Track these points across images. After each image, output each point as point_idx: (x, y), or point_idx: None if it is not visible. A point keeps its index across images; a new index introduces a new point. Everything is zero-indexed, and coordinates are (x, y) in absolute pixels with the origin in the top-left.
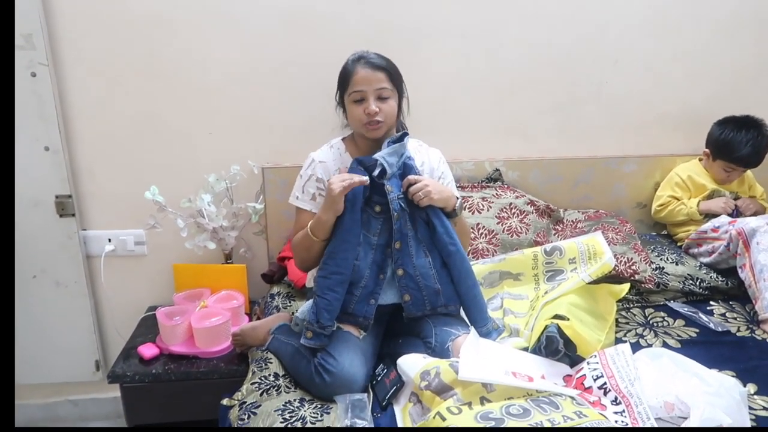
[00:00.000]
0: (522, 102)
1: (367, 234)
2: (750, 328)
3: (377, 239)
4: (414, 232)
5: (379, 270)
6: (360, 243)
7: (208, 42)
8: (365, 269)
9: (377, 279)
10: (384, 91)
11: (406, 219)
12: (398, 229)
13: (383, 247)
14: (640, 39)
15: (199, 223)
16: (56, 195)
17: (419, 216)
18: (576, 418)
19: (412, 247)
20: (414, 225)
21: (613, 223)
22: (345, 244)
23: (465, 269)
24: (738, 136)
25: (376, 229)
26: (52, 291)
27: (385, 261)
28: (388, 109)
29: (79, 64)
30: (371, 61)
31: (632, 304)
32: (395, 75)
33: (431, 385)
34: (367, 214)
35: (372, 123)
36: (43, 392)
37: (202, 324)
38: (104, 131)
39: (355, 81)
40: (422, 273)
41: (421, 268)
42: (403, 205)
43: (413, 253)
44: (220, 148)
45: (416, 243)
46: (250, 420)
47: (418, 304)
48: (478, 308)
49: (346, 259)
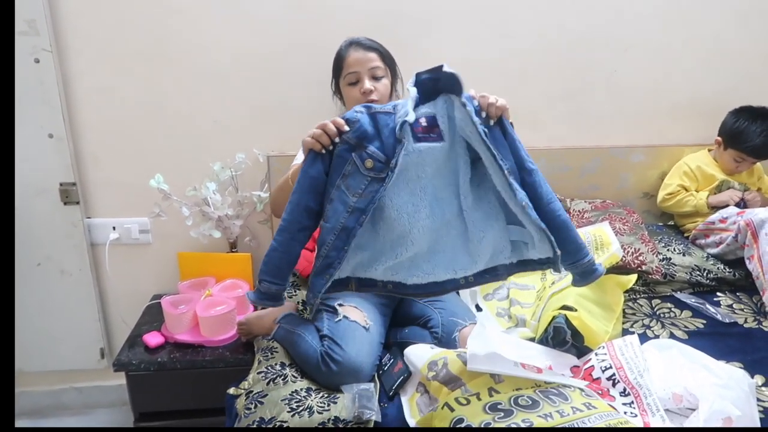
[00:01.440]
0: (531, 90)
1: (344, 191)
2: (757, 320)
3: (356, 201)
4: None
5: (346, 240)
6: (308, 189)
7: (214, 29)
8: (329, 234)
9: (341, 250)
10: (377, 70)
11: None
12: (495, 172)
13: (359, 213)
14: (651, 27)
15: (204, 211)
16: (60, 182)
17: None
18: (585, 410)
19: (516, 190)
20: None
21: (620, 214)
22: (297, 185)
23: (549, 190)
24: (752, 126)
25: (357, 187)
26: (57, 279)
27: (354, 231)
28: (383, 88)
29: (84, 50)
30: (363, 44)
31: (639, 294)
32: (387, 56)
33: (439, 376)
34: (352, 165)
35: (368, 102)
36: (48, 379)
37: (207, 313)
38: (109, 118)
39: (349, 63)
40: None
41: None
42: (489, 143)
43: (516, 186)
44: (225, 136)
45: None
46: (257, 409)
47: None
48: (575, 232)
49: (290, 203)
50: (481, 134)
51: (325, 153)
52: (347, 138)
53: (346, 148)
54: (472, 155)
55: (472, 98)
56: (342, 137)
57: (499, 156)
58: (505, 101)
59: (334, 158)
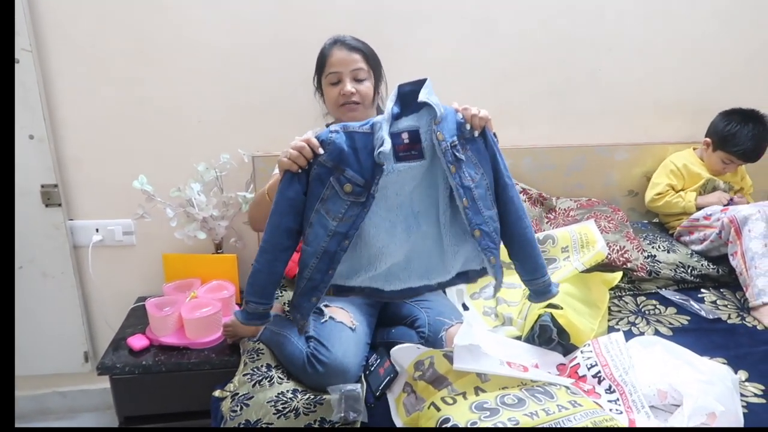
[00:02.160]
0: (516, 88)
1: (324, 215)
2: (741, 316)
3: (336, 225)
4: (474, 182)
5: (330, 263)
6: (287, 210)
7: (197, 26)
8: (311, 258)
9: (326, 273)
10: (360, 72)
11: (463, 170)
12: (460, 183)
13: (341, 237)
14: (635, 26)
15: (188, 212)
16: (42, 184)
17: (471, 167)
18: (570, 407)
19: (479, 201)
20: (470, 176)
21: (605, 212)
22: (273, 208)
23: (522, 207)
24: (743, 129)
25: (338, 212)
26: (39, 282)
27: (337, 255)
28: (365, 90)
29: (64, 49)
30: (347, 43)
31: (624, 292)
32: (372, 57)
33: (425, 375)
34: (331, 189)
35: (348, 104)
36: (31, 384)
37: (192, 315)
38: (91, 119)
39: (331, 63)
40: (494, 228)
41: (492, 222)
42: (458, 155)
43: (482, 207)
44: (209, 137)
45: (483, 191)
46: (242, 411)
47: (500, 266)
48: (538, 251)
49: (270, 224)
50: (444, 158)
51: (301, 173)
52: (323, 161)
53: (325, 171)
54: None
55: (456, 111)
56: (319, 160)
57: (457, 177)
58: (488, 112)
59: (311, 181)
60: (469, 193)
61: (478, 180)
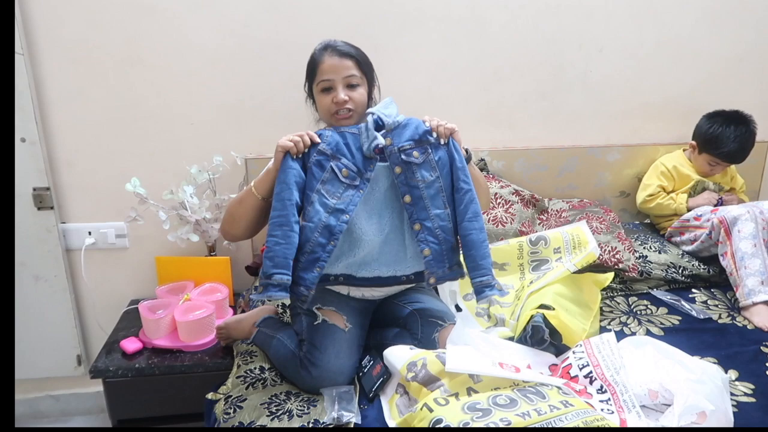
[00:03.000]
0: (507, 90)
1: (324, 194)
2: (731, 315)
3: (336, 203)
4: (425, 183)
5: (330, 236)
6: (294, 186)
7: (188, 28)
8: (313, 232)
9: (326, 246)
10: (353, 78)
11: (413, 171)
12: (404, 182)
13: (340, 213)
14: (625, 27)
15: (181, 215)
16: (34, 187)
17: (424, 169)
18: (562, 408)
19: (427, 199)
20: (422, 176)
21: (597, 213)
22: (280, 184)
23: (474, 210)
24: (726, 131)
25: (336, 192)
26: (32, 285)
27: (337, 227)
28: (358, 97)
29: (55, 52)
30: (339, 49)
31: (616, 292)
32: (364, 63)
33: (418, 377)
34: (331, 173)
35: (341, 112)
36: (23, 387)
37: (185, 317)
38: (82, 122)
39: (323, 70)
40: (441, 225)
41: (439, 220)
42: (404, 158)
43: (429, 205)
44: (202, 139)
45: (432, 192)
46: (235, 414)
47: (439, 259)
48: (481, 253)
49: (281, 199)
50: (390, 160)
51: (297, 159)
52: (323, 149)
53: (325, 158)
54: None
55: (423, 122)
56: (319, 148)
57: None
58: (455, 126)
59: (311, 166)
60: (416, 192)
61: (431, 181)
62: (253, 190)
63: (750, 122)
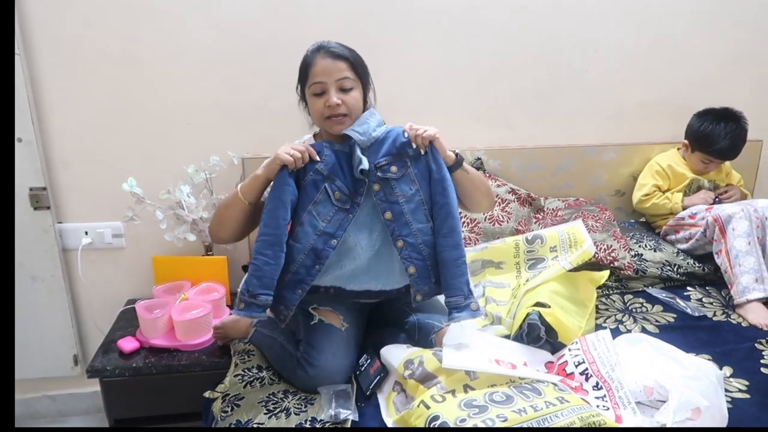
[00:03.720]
0: (503, 90)
1: (315, 216)
2: (726, 313)
3: (325, 226)
4: (404, 197)
5: (316, 259)
6: (289, 205)
7: (184, 28)
8: (300, 253)
9: (311, 268)
10: (346, 81)
11: (391, 187)
12: (383, 199)
13: (328, 237)
14: (620, 27)
15: (178, 214)
16: (30, 187)
17: (403, 183)
18: (558, 404)
19: (408, 214)
20: (401, 191)
21: (592, 211)
22: (275, 201)
23: (450, 226)
24: (717, 129)
25: (327, 214)
26: (28, 285)
27: (324, 252)
28: (352, 101)
29: (52, 52)
30: (332, 50)
31: (612, 290)
32: (358, 64)
33: (415, 374)
34: (324, 194)
35: (334, 116)
36: (21, 388)
37: (182, 317)
38: (79, 122)
39: (315, 72)
40: (424, 240)
41: (422, 235)
42: (381, 175)
43: (411, 220)
44: (198, 139)
45: (415, 206)
46: (233, 412)
47: (424, 277)
48: (453, 272)
49: (275, 217)
50: (368, 179)
51: (291, 173)
52: (320, 169)
53: (321, 178)
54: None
55: (403, 132)
56: (315, 167)
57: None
58: (435, 131)
59: (306, 185)
60: (396, 207)
61: (410, 195)
62: (240, 196)
63: (740, 118)
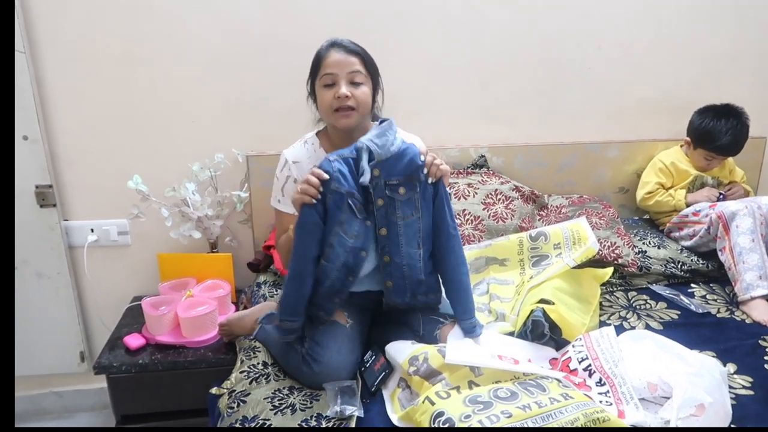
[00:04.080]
0: (506, 87)
1: (342, 235)
2: (730, 310)
3: (353, 242)
4: (404, 220)
5: (349, 273)
6: (314, 239)
7: (189, 27)
8: (333, 270)
9: (345, 281)
10: (357, 75)
11: (394, 207)
12: (383, 215)
13: (357, 251)
14: (623, 25)
15: (183, 212)
16: (36, 185)
17: (406, 206)
18: (562, 400)
19: (402, 236)
20: (403, 213)
21: (596, 208)
22: (301, 238)
23: (461, 256)
24: (718, 125)
25: (353, 230)
26: (35, 282)
27: (357, 265)
28: (361, 96)
29: (57, 51)
30: (345, 46)
31: (615, 287)
32: (369, 62)
33: (420, 371)
34: (348, 212)
35: (342, 109)
36: (27, 384)
37: (188, 313)
38: (84, 119)
39: (327, 64)
40: (409, 263)
41: (409, 258)
42: (388, 193)
43: (402, 243)
44: (203, 136)
45: (409, 231)
46: (239, 408)
47: (400, 292)
48: (465, 299)
49: (301, 254)
50: (374, 191)
51: (316, 203)
52: (336, 188)
53: (339, 197)
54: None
55: (420, 154)
56: (332, 188)
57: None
58: (449, 169)
59: (330, 208)
60: (393, 227)
61: (411, 220)
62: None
63: (741, 114)
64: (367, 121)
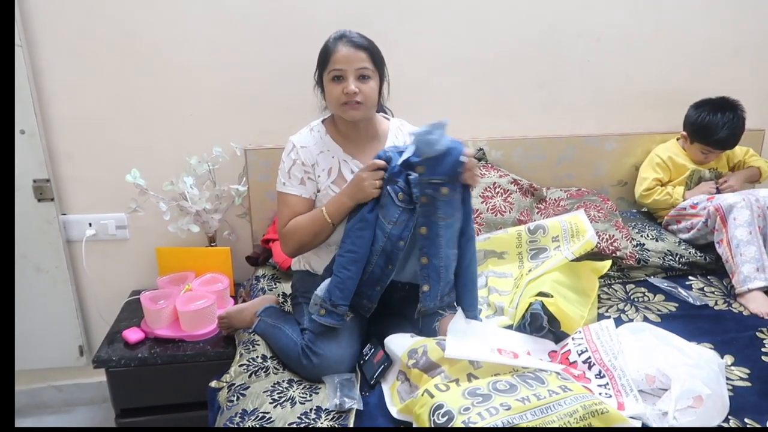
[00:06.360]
0: (505, 80)
1: (382, 219)
2: (727, 302)
3: (391, 228)
4: (444, 220)
5: (387, 260)
6: (374, 227)
7: (185, 19)
8: (375, 255)
9: (385, 268)
10: (365, 70)
11: (436, 206)
12: (424, 214)
13: (396, 238)
14: (622, 17)
15: (181, 206)
16: (34, 179)
17: (447, 206)
18: (561, 392)
19: (442, 237)
20: (444, 213)
21: (594, 201)
22: (363, 222)
23: (475, 254)
24: (715, 119)
25: (392, 216)
26: (33, 277)
27: (394, 253)
28: (368, 90)
29: (54, 44)
30: (353, 40)
31: (614, 280)
32: (377, 56)
33: (419, 364)
34: (388, 198)
35: (350, 103)
36: (26, 378)
37: (187, 307)
38: (82, 113)
39: (336, 59)
40: (446, 264)
41: (446, 260)
42: (431, 192)
43: (442, 244)
44: (201, 130)
45: (449, 232)
46: (239, 401)
47: (434, 296)
48: (474, 294)
49: (362, 237)
50: (419, 188)
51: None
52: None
53: (383, 182)
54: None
55: (462, 154)
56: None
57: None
58: (480, 182)
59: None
60: (434, 227)
61: (451, 221)
62: (328, 219)
63: (737, 107)
64: (373, 113)
